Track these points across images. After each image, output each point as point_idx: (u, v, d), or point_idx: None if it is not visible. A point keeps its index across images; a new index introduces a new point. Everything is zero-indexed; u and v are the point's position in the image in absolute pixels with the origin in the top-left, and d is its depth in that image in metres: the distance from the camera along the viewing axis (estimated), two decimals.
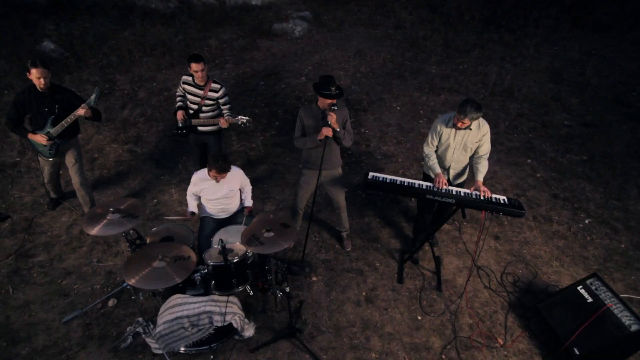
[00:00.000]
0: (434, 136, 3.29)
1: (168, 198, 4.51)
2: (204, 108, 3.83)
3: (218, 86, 3.76)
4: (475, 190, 3.14)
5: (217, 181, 3.12)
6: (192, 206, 3.25)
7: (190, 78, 3.75)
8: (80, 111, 3.36)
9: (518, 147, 5.47)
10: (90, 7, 7.26)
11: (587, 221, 4.33)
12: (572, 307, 3.01)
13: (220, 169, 2.97)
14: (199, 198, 3.33)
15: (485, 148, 3.26)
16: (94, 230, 2.71)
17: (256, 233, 2.66)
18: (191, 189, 3.25)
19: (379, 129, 5.77)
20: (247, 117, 3.61)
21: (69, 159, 3.72)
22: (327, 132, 3.07)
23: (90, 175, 4.66)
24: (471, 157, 3.39)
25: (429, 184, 3.26)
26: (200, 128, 3.94)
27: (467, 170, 3.54)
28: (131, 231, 2.88)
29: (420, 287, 3.55)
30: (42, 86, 3.27)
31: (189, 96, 3.83)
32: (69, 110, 3.44)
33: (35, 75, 3.21)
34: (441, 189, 3.17)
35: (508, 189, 4.71)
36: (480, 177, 3.21)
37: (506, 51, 7.30)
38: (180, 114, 3.87)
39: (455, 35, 7.76)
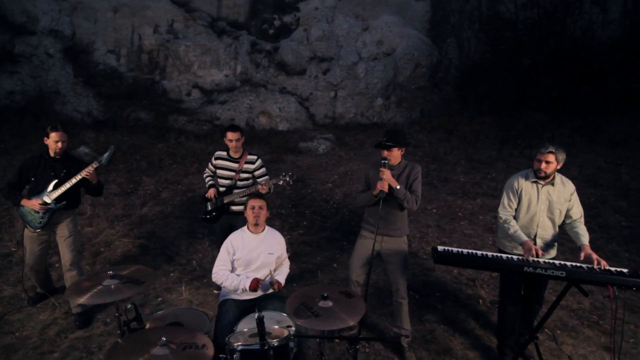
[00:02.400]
0: (512, 196, 2.77)
1: (176, 297, 3.68)
2: (238, 183, 3.47)
3: (254, 157, 3.49)
4: (586, 257, 2.42)
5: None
6: (242, 282, 2.49)
7: (224, 153, 3.52)
8: (89, 169, 3.02)
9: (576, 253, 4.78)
10: (132, 127, 7.86)
11: None
12: None
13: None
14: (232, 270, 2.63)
15: (579, 209, 2.70)
16: (82, 299, 1.96)
17: (307, 301, 1.87)
18: (223, 258, 2.56)
19: (417, 230, 5.23)
20: (289, 175, 3.22)
21: (62, 232, 3.16)
22: (381, 186, 2.66)
23: (89, 271, 3.95)
24: (560, 226, 2.79)
25: (520, 255, 2.56)
26: (233, 207, 3.48)
27: (557, 246, 2.86)
28: (129, 305, 2.09)
29: None
30: (57, 150, 3.09)
31: (220, 172, 3.52)
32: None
33: (54, 139, 3.05)
34: (539, 260, 2.44)
35: (594, 289, 3.81)
36: (585, 240, 2.53)
37: (531, 163, 7.31)
38: (211, 191, 3.51)
39: (475, 151, 7.98)
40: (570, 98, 8.56)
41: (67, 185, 3.06)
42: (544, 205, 2.71)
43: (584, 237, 2.58)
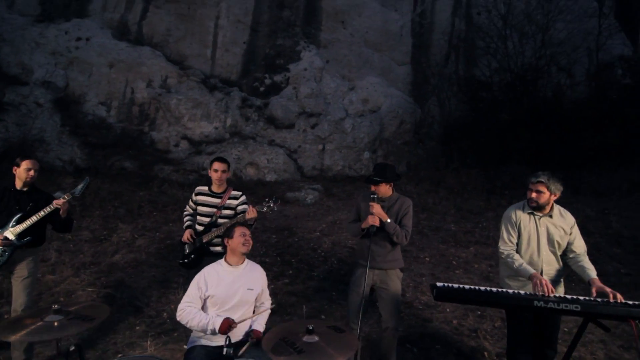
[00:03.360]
0: (511, 228, 2.61)
1: (139, 354, 3.18)
2: (219, 220, 3.20)
3: (239, 193, 3.29)
4: (598, 292, 2.21)
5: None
6: (212, 321, 2.10)
7: (205, 188, 3.31)
8: (61, 200, 2.78)
9: (584, 295, 4.51)
10: (115, 175, 7.65)
11: None
12: None
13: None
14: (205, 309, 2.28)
15: (581, 243, 2.57)
16: (16, 336, 1.60)
17: (289, 337, 1.56)
18: (192, 294, 2.22)
19: (411, 279, 4.91)
20: (273, 200, 3.02)
21: (20, 272, 2.80)
22: (372, 220, 2.58)
23: None
24: (563, 259, 2.61)
25: (527, 291, 2.33)
26: (213, 248, 3.18)
27: (563, 282, 2.64)
28: (72, 347, 1.73)
29: None
30: (28, 179, 2.85)
31: (201, 208, 3.28)
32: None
33: (26, 167, 2.83)
34: (549, 295, 2.21)
35: (607, 337, 3.50)
36: (593, 274, 2.35)
37: None
38: (187, 233, 3.23)
39: (464, 202, 7.95)
40: (549, 152, 8.86)
41: (34, 218, 2.77)
42: (545, 238, 2.55)
43: (592, 271, 2.39)
